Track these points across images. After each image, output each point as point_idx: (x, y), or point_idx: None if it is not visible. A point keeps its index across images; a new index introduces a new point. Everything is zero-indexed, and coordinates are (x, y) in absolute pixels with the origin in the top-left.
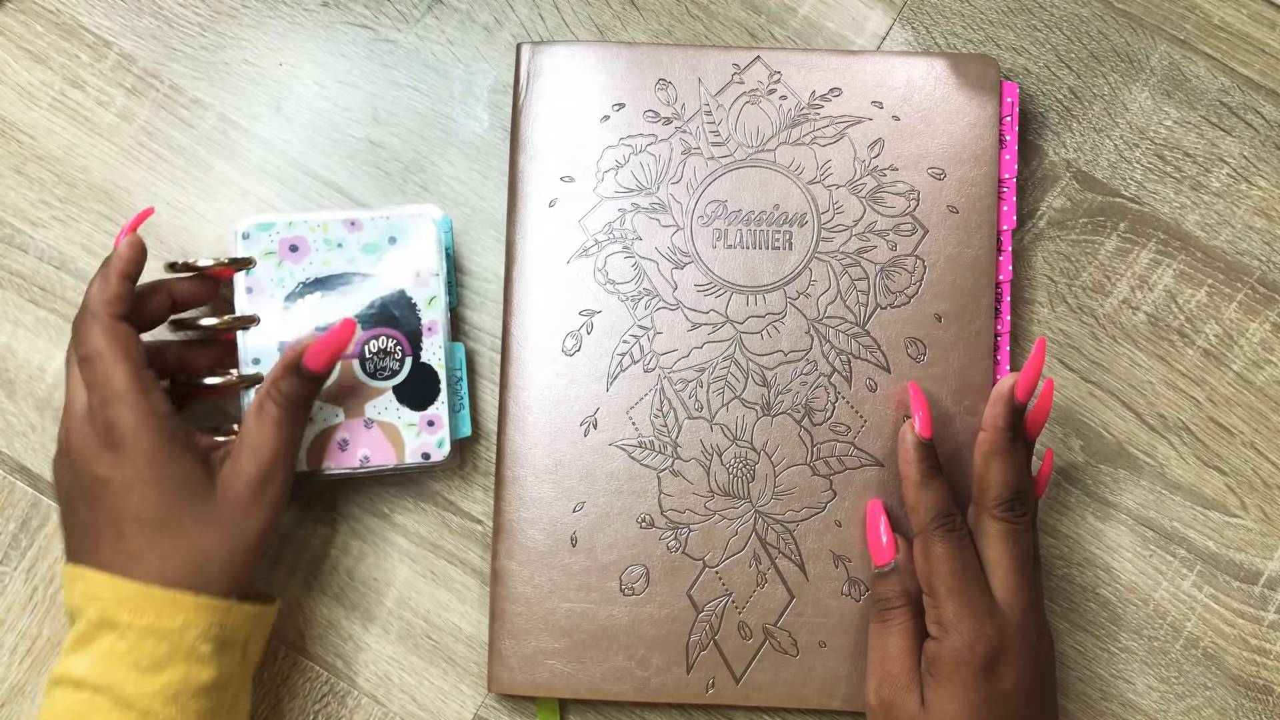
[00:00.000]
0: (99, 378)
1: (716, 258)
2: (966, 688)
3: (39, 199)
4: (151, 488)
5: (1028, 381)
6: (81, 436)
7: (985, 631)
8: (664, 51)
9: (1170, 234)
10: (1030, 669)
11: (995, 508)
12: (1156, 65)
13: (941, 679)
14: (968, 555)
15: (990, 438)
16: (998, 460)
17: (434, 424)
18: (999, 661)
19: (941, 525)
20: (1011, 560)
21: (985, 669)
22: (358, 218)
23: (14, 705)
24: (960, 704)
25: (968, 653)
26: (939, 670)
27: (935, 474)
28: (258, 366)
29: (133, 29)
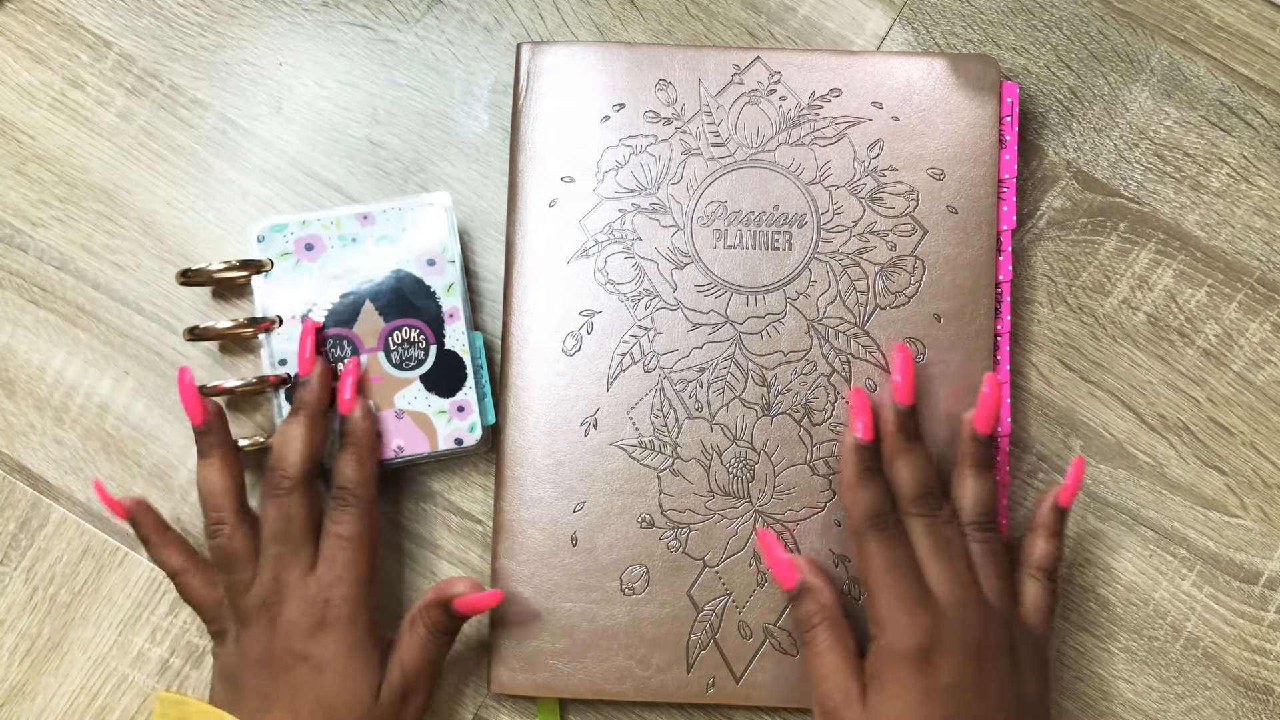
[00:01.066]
0: (346, 558)
1: (716, 258)
2: (903, 684)
3: (39, 199)
4: (339, 676)
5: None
6: (299, 609)
7: (918, 621)
8: (664, 52)
9: (1170, 234)
10: (973, 661)
11: (909, 504)
12: (1156, 65)
13: (881, 678)
14: (900, 552)
15: (888, 443)
16: (899, 460)
17: (464, 409)
18: (934, 653)
19: (875, 524)
20: (937, 551)
21: (920, 661)
22: (370, 211)
23: (14, 705)
24: (900, 703)
25: (900, 644)
26: (877, 668)
27: (871, 475)
28: (284, 367)
29: (133, 29)
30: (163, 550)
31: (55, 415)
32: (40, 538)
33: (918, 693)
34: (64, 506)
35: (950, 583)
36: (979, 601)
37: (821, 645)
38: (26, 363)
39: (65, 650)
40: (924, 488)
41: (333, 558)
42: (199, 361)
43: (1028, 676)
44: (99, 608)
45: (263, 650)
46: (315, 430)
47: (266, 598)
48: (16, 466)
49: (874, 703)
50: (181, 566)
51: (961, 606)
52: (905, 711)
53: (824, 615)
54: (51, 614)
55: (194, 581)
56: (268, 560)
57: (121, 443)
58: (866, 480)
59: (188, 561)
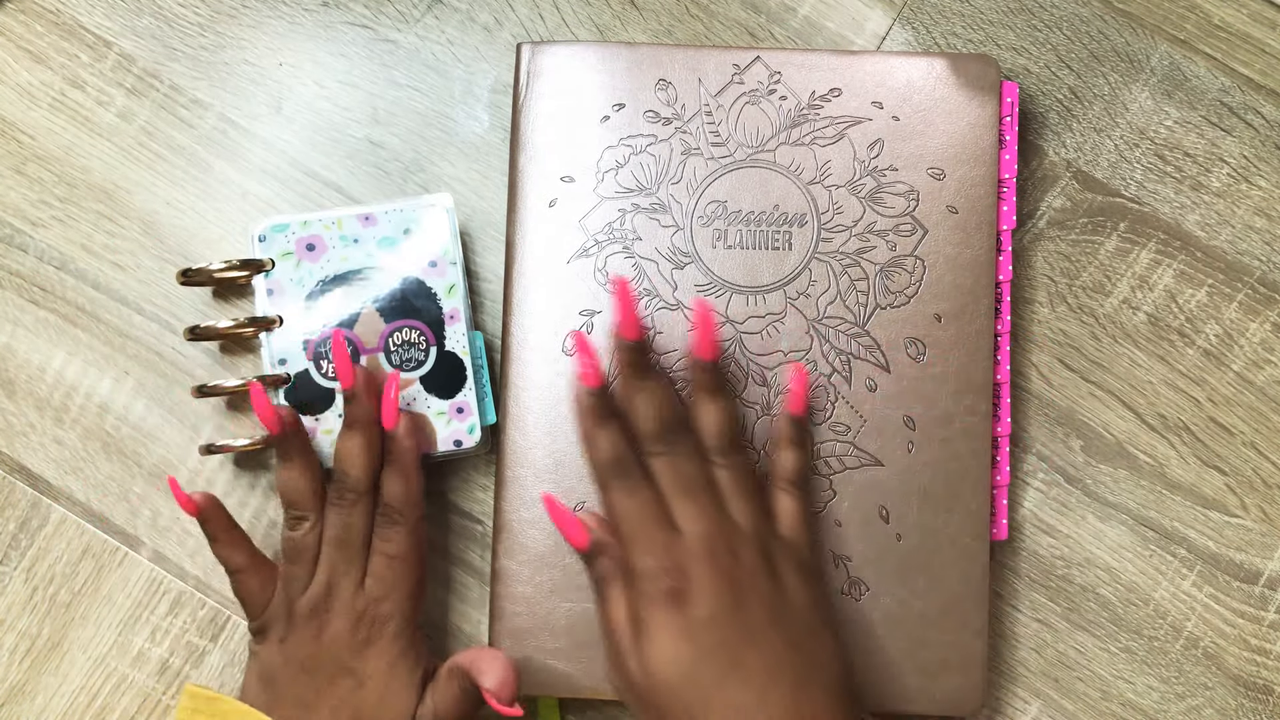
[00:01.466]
0: (394, 576)
1: (716, 258)
2: (663, 627)
3: (39, 199)
4: (379, 692)
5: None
6: (346, 621)
7: (666, 565)
8: (664, 51)
9: (1170, 234)
10: (728, 589)
11: (647, 444)
12: (1157, 65)
13: (646, 624)
14: (643, 496)
15: (621, 383)
16: (633, 400)
17: (463, 411)
18: (687, 591)
19: (614, 473)
20: (678, 487)
21: (675, 602)
22: (371, 212)
23: (14, 705)
24: (664, 645)
25: (653, 590)
26: (641, 616)
27: (604, 422)
28: (283, 367)
29: (133, 29)
30: (228, 548)
31: (55, 415)
32: (40, 538)
33: (678, 633)
34: (64, 506)
35: (695, 517)
36: (726, 530)
37: (613, 600)
38: (26, 363)
39: (65, 650)
40: (660, 424)
41: (380, 575)
42: (199, 361)
43: (791, 587)
44: (99, 608)
45: (307, 657)
46: (372, 442)
47: (318, 604)
48: (16, 466)
49: (643, 648)
50: (243, 565)
51: (708, 539)
52: (671, 653)
53: (616, 570)
54: (51, 614)
55: (252, 581)
56: (325, 565)
57: (121, 443)
58: (599, 427)
59: (249, 561)
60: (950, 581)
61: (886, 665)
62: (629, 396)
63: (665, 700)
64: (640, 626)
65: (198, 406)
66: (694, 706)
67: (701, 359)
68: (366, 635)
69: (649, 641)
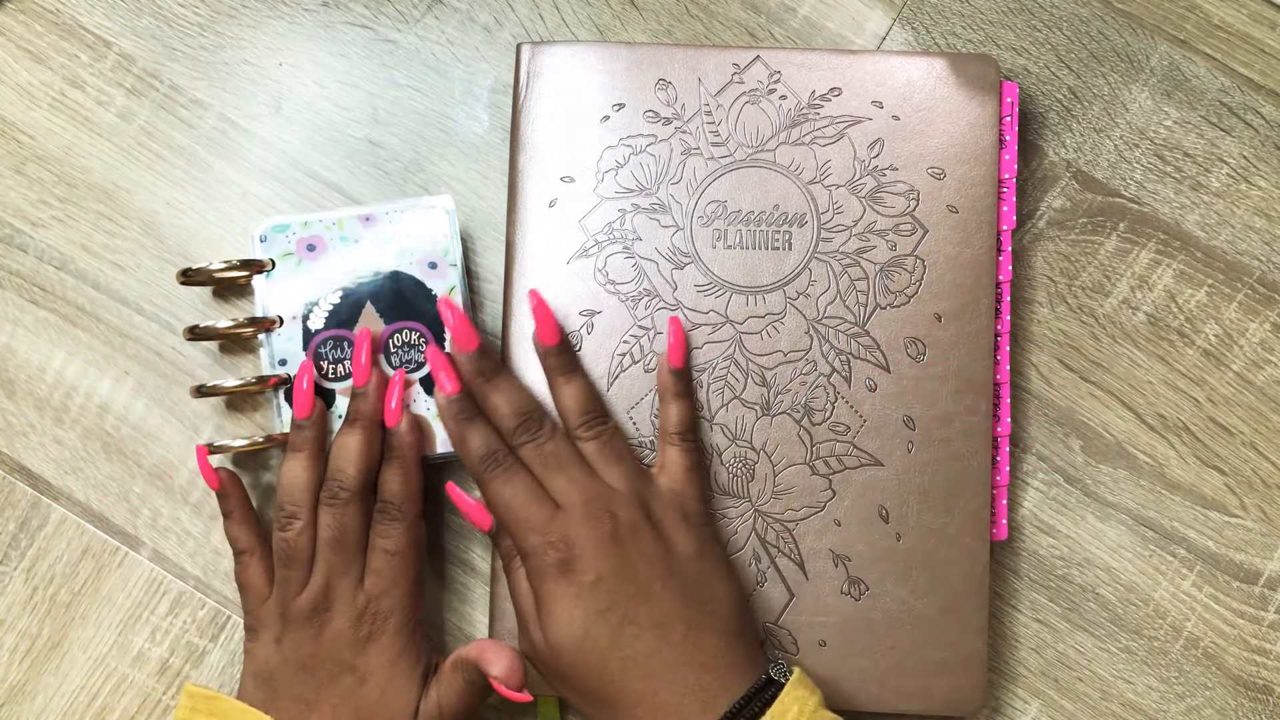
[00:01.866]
0: (394, 573)
1: (716, 258)
2: (556, 597)
3: (39, 199)
4: (380, 689)
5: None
6: (347, 619)
7: (547, 540)
8: (664, 51)
9: (1170, 234)
10: (610, 550)
11: (511, 436)
12: (1156, 65)
13: (541, 599)
14: (516, 483)
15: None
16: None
17: None
18: (572, 561)
19: (487, 466)
20: (548, 468)
21: (562, 573)
22: (372, 213)
23: (14, 705)
24: (559, 614)
25: (542, 564)
26: (537, 592)
27: (470, 422)
28: (284, 368)
29: (133, 29)
30: (239, 526)
31: (55, 415)
32: (40, 538)
33: (570, 600)
34: (64, 506)
35: (567, 489)
36: (602, 494)
37: (518, 580)
38: (26, 363)
39: (65, 650)
40: (518, 416)
41: (380, 572)
42: (199, 361)
43: (676, 538)
44: (99, 608)
45: (307, 656)
46: (371, 442)
47: (316, 604)
48: (16, 466)
49: (543, 619)
50: (250, 547)
51: (585, 505)
52: (565, 620)
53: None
54: (51, 614)
55: (255, 567)
56: (321, 566)
57: (121, 443)
58: (467, 427)
59: (257, 544)
60: (950, 581)
61: (886, 665)
62: (485, 399)
63: (568, 663)
64: (539, 601)
65: (197, 406)
66: (592, 666)
67: (543, 344)
68: (368, 632)
69: (546, 613)
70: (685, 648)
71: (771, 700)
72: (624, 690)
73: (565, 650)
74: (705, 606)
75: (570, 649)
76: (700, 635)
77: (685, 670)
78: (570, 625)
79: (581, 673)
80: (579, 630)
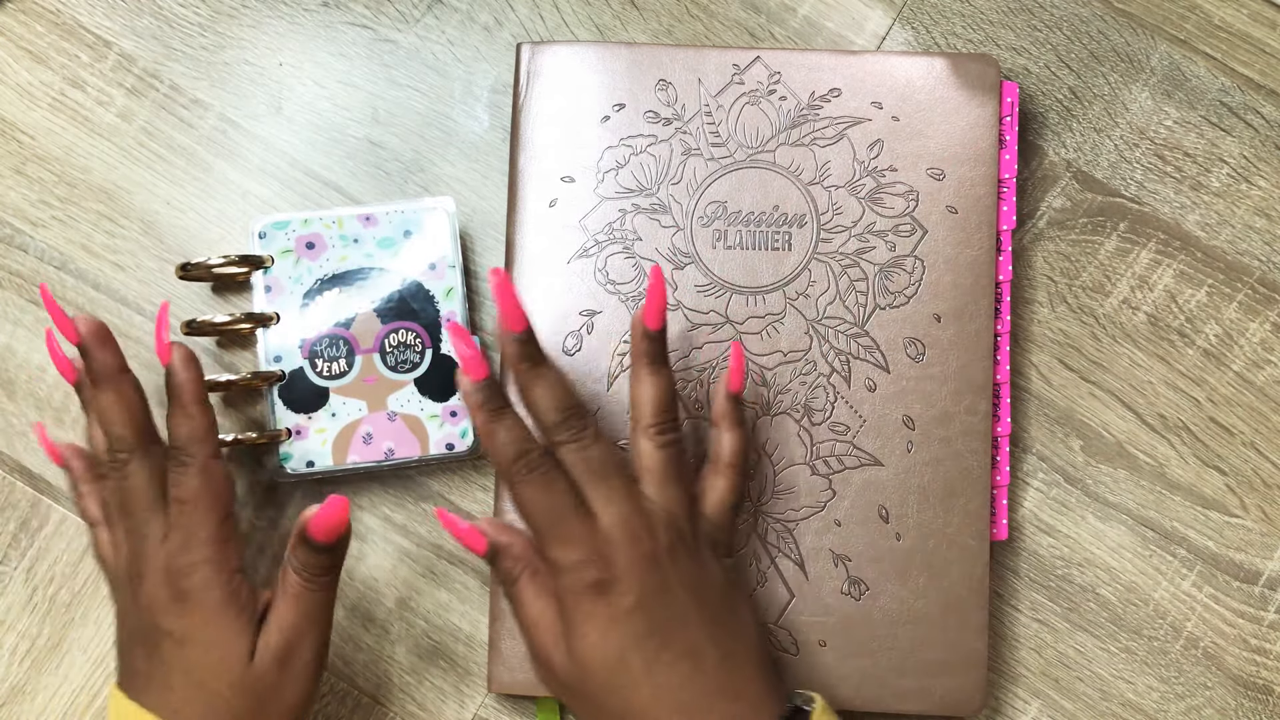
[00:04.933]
0: (192, 522)
1: (716, 259)
2: (590, 618)
3: (39, 199)
4: (202, 647)
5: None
6: (155, 581)
7: (585, 558)
8: (664, 52)
9: (1170, 234)
10: (651, 572)
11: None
12: (1156, 65)
13: (571, 618)
14: (555, 489)
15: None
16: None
17: (457, 414)
18: (610, 581)
19: (520, 466)
20: (590, 474)
21: (599, 593)
22: (372, 212)
23: (14, 705)
24: (594, 637)
25: (578, 584)
26: (567, 610)
27: (501, 414)
28: (278, 364)
29: (133, 29)
30: (87, 499)
31: (55, 415)
32: (40, 538)
33: (606, 622)
34: (64, 506)
35: (609, 501)
36: (642, 511)
37: (527, 597)
38: (26, 363)
39: (65, 650)
40: (562, 412)
41: (178, 524)
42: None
43: (713, 566)
44: (99, 608)
45: (134, 626)
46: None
47: (129, 569)
48: (16, 466)
49: (572, 642)
50: (97, 519)
51: (625, 524)
52: (599, 643)
53: (522, 567)
54: (51, 614)
55: (104, 539)
56: (119, 531)
57: None
58: (498, 420)
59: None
60: (950, 581)
61: (886, 666)
62: (526, 388)
63: (596, 689)
64: (567, 620)
65: None
66: (625, 690)
67: (650, 329)
68: (176, 590)
69: (577, 635)
70: (717, 676)
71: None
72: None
73: (596, 674)
74: (736, 635)
75: (601, 672)
76: (731, 664)
77: (716, 699)
78: (604, 650)
79: (608, 697)
80: (614, 655)
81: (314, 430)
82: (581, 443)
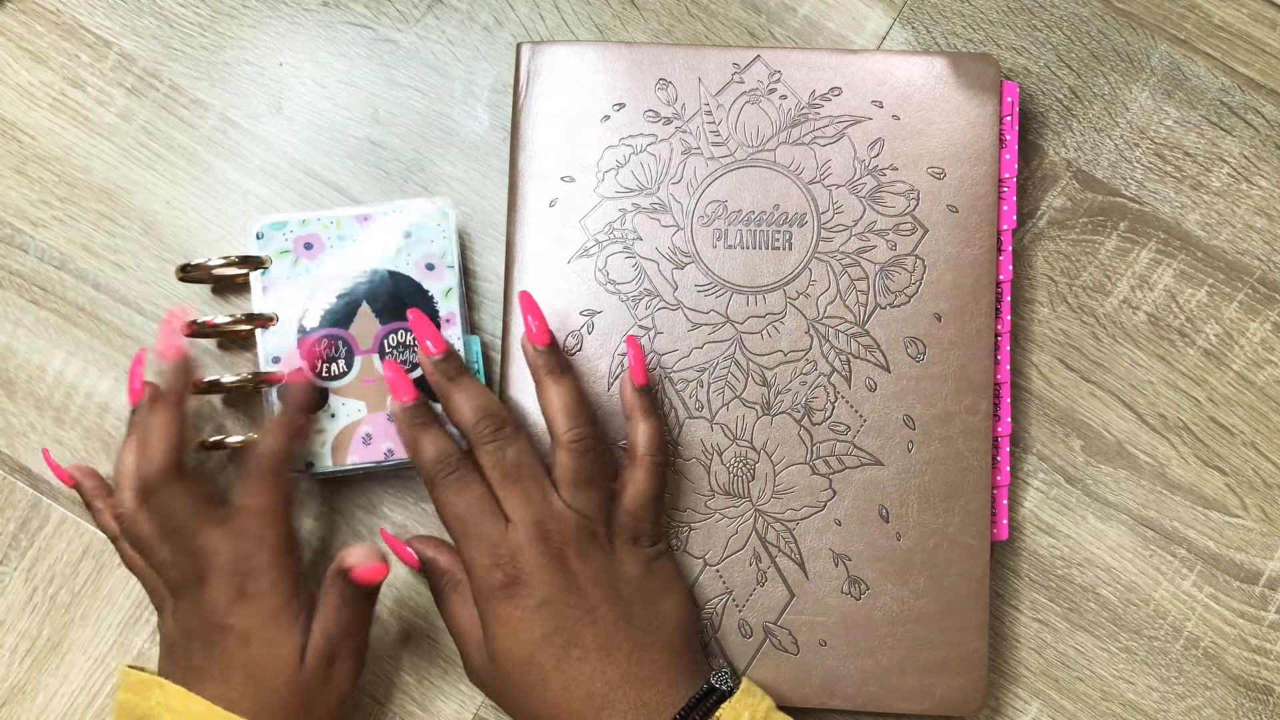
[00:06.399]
0: (259, 529)
1: (717, 258)
2: (500, 619)
3: (39, 199)
4: (263, 644)
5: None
6: (218, 582)
7: (495, 560)
8: (664, 51)
9: (1170, 234)
10: (558, 572)
11: (470, 434)
12: (1157, 65)
13: (486, 620)
14: (469, 493)
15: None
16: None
17: None
18: (518, 582)
19: (439, 471)
20: (504, 477)
21: (508, 594)
22: (370, 213)
23: (14, 705)
24: (504, 637)
25: (489, 585)
26: (482, 612)
27: (425, 428)
28: (277, 365)
29: (133, 29)
30: (106, 515)
31: (55, 415)
32: (40, 538)
33: (516, 622)
34: (64, 506)
35: (521, 504)
36: (555, 514)
37: (453, 606)
38: (26, 363)
39: (65, 650)
40: (478, 413)
41: (244, 531)
42: (198, 360)
43: (626, 560)
44: (99, 608)
45: (193, 625)
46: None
47: (188, 573)
48: (16, 466)
49: (488, 643)
50: (118, 534)
51: (537, 525)
52: (510, 643)
53: (449, 579)
54: (51, 614)
55: (129, 551)
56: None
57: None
58: (421, 433)
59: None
60: (950, 581)
61: (886, 665)
62: (446, 397)
63: (513, 687)
64: (484, 622)
65: (197, 406)
66: (537, 687)
67: (537, 345)
68: (240, 590)
69: (491, 636)
70: (628, 666)
71: (714, 708)
72: (566, 711)
73: (510, 672)
74: (650, 625)
75: (515, 671)
76: (644, 654)
77: (627, 688)
78: (515, 648)
79: (525, 694)
80: (524, 653)
81: (313, 431)
82: (499, 443)
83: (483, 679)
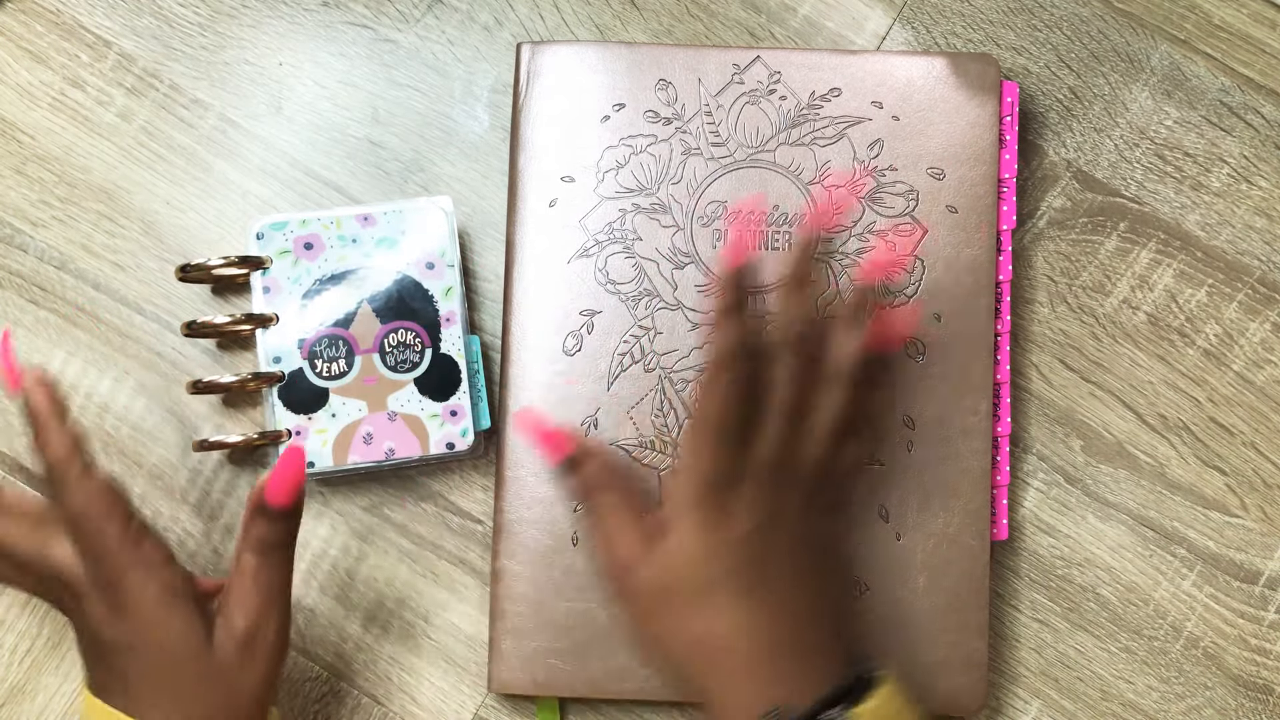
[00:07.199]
0: (88, 537)
1: (716, 258)
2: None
3: (39, 199)
4: (151, 650)
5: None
6: (91, 600)
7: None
8: (664, 51)
9: (1170, 234)
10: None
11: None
12: (1157, 65)
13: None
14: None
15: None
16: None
17: (457, 414)
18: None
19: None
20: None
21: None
22: (370, 212)
23: (14, 705)
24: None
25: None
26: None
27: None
28: (278, 365)
29: (133, 29)
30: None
31: None
32: None
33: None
34: None
35: (770, 440)
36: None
37: (609, 503)
38: (26, 363)
39: (65, 650)
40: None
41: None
42: (199, 361)
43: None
44: None
45: (87, 643)
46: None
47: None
48: (16, 466)
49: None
50: None
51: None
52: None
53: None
54: (52, 614)
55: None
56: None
57: (121, 443)
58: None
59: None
60: (950, 581)
61: None
62: (787, 293)
63: (678, 606)
64: (664, 524)
65: (197, 406)
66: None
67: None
68: (112, 603)
69: (676, 546)
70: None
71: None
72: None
73: (681, 591)
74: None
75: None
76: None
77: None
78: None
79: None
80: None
81: (314, 431)
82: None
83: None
